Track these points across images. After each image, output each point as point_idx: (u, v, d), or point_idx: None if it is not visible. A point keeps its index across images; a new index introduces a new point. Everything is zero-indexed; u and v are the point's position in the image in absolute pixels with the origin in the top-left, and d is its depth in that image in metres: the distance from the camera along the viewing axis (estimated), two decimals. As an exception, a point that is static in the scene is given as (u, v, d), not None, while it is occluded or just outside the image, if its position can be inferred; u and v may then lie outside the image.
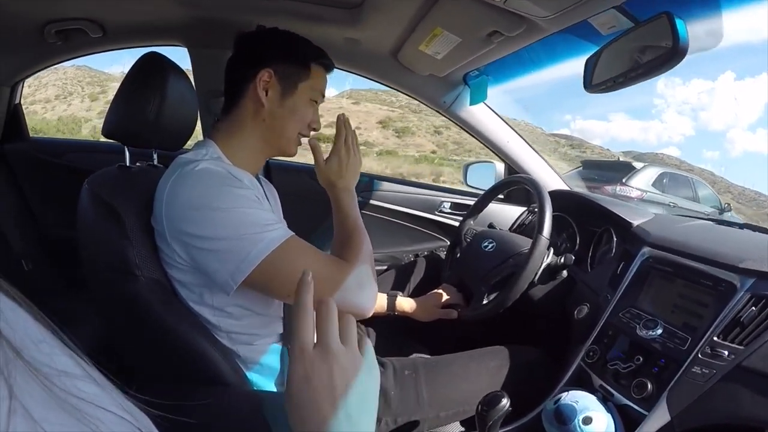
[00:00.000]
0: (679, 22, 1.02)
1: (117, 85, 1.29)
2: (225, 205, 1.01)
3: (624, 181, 9.11)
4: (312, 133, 1.28)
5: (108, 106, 1.28)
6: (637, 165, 9.80)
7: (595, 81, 1.32)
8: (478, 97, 2.03)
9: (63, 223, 2.36)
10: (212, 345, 1.10)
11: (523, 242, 1.57)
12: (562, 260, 1.52)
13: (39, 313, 0.35)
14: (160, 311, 1.06)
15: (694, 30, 1.26)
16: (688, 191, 10.07)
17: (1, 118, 2.46)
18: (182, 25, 1.94)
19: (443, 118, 2.25)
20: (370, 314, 1.18)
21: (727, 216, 9.60)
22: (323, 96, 1.29)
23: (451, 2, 1.40)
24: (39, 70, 2.42)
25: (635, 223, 1.53)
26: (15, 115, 2.51)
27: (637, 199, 8.67)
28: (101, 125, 1.28)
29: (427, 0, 1.44)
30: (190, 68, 2.10)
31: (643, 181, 9.24)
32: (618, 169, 9.96)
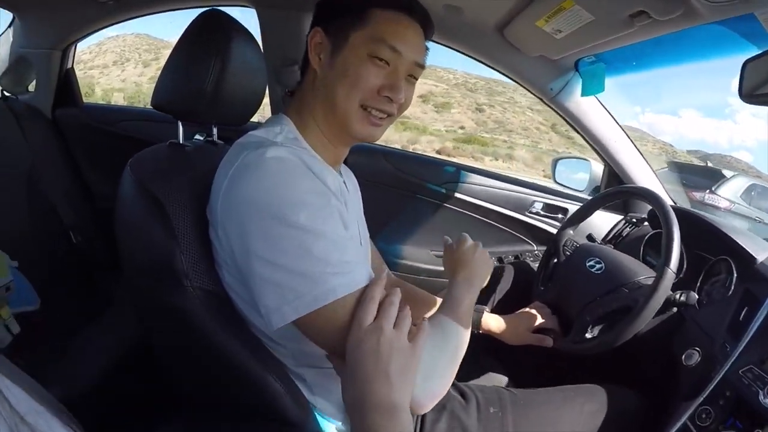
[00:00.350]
0: None
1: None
2: (295, 218, 0.79)
3: (713, 189, 8.47)
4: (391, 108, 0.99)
5: (159, 72, 1.10)
6: (727, 173, 9.14)
7: (754, 89, 1.10)
8: (593, 87, 1.80)
9: (115, 194, 2.36)
10: (272, 371, 0.92)
11: (639, 269, 1.38)
12: (682, 297, 1.29)
13: (38, 386, 0.45)
14: (211, 328, 0.89)
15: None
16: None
17: (53, 83, 2.44)
18: None
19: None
20: (422, 411, 0.90)
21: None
22: (399, 51, 0.93)
23: None
24: (91, 33, 2.38)
25: (760, 259, 1.32)
26: (67, 79, 2.49)
27: (725, 210, 8.08)
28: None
29: None
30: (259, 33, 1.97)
31: (731, 191, 8.48)
32: (706, 176, 9.46)
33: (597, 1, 1.30)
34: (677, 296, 1.28)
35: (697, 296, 1.30)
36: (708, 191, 8.42)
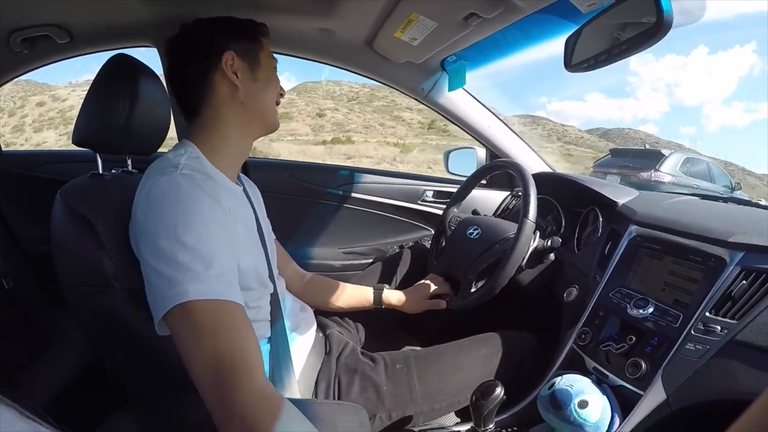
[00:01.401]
0: None
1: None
2: (180, 236, 0.90)
3: (657, 167, 9.81)
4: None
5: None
6: (666, 152, 10.54)
7: (575, 60, 1.28)
8: (456, 82, 1.99)
9: (43, 238, 2.33)
10: None
11: (509, 227, 1.56)
12: (549, 243, 1.49)
13: (20, 409, 0.40)
14: (141, 322, 1.00)
15: (679, 3, 1.26)
16: (706, 173, 10.81)
17: None
18: (151, 25, 1.88)
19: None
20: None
21: (737, 194, 10.61)
22: (276, 61, 1.27)
23: None
24: (6, 82, 2.32)
25: (621, 202, 1.52)
26: None
27: (669, 183, 9.58)
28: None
29: None
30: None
31: (670, 166, 10.01)
32: (648, 157, 10.54)
33: (435, 10, 1.48)
34: (546, 243, 1.48)
35: (560, 240, 1.50)
36: (653, 170, 9.73)
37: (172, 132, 1.50)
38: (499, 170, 1.72)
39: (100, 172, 1.23)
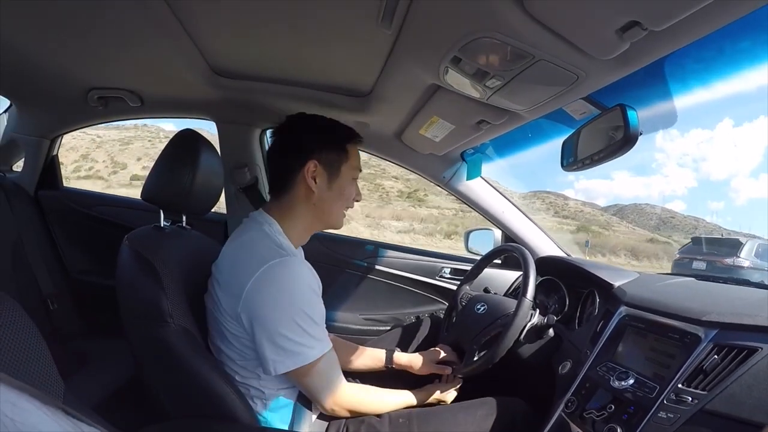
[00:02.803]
0: (631, 114, 1.15)
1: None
2: (303, 309, 1.20)
3: (738, 254, 11.00)
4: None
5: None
6: (743, 240, 11.72)
7: (567, 161, 1.46)
8: (473, 172, 2.19)
9: (88, 269, 2.52)
10: (229, 385, 1.22)
11: (512, 305, 1.65)
12: (546, 320, 1.60)
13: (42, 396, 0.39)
14: (187, 355, 1.19)
15: (654, 112, 1.41)
16: None
17: (39, 167, 2.65)
18: (212, 103, 2.12)
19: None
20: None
21: None
22: (360, 170, 1.43)
23: (445, 97, 1.57)
24: (78, 128, 2.62)
25: (616, 284, 1.63)
26: (51, 165, 2.72)
27: (747, 268, 10.70)
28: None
29: (425, 93, 1.63)
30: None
31: (747, 252, 11.18)
32: (727, 244, 11.81)
33: (453, 115, 1.69)
34: (543, 320, 1.60)
35: (555, 318, 1.63)
36: (735, 257, 10.91)
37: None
38: (506, 253, 1.84)
39: (162, 225, 1.44)
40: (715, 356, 1.10)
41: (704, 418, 1.02)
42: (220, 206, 2.47)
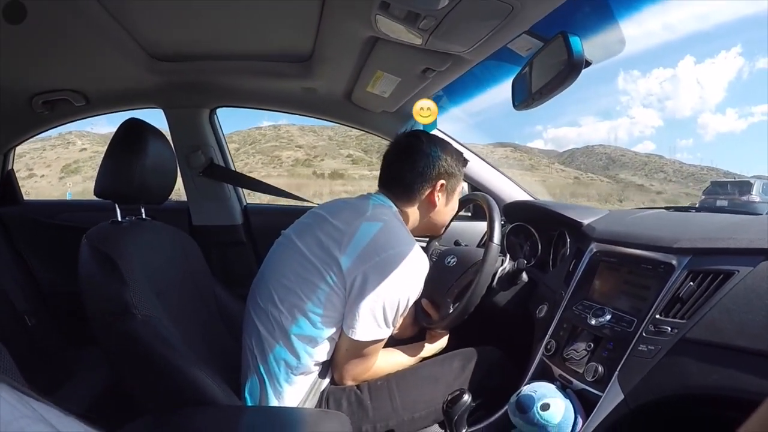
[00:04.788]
0: (574, 39, 1.07)
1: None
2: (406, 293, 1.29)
3: (750, 192, 14.63)
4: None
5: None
6: (752, 180, 15.62)
7: (518, 99, 1.38)
8: (429, 125, 2.08)
9: (62, 280, 2.43)
10: (202, 369, 1.15)
11: (482, 253, 1.56)
12: (516, 265, 1.56)
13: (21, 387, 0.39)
14: (156, 345, 1.12)
15: (600, 40, 1.34)
16: None
17: None
18: (156, 90, 2.11)
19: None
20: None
21: None
22: None
23: (385, 48, 1.51)
24: (28, 138, 2.52)
25: (585, 222, 1.58)
26: (8, 180, 2.61)
27: (760, 202, 14.03)
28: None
29: (365, 49, 1.57)
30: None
31: (757, 190, 14.74)
32: (741, 186, 15.63)
33: (396, 67, 1.63)
34: (514, 265, 1.56)
35: (524, 261, 1.58)
36: (749, 194, 14.49)
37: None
38: (470, 202, 1.79)
39: (119, 219, 1.37)
40: (691, 283, 1.04)
41: (686, 347, 0.98)
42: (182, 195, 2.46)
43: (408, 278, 1.28)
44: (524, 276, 1.60)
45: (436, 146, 1.43)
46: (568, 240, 1.65)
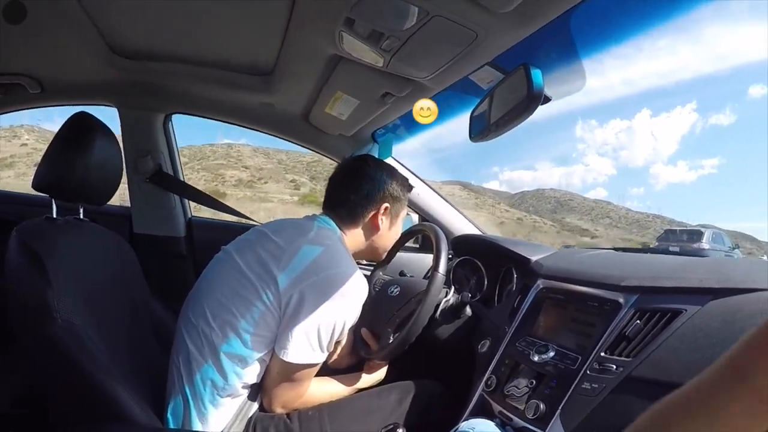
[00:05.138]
0: (535, 72, 1.07)
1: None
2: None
3: (702, 240, 16.68)
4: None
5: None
6: (702, 230, 18.19)
7: (475, 131, 1.37)
8: (384, 153, 2.08)
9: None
10: (121, 383, 1.07)
11: (425, 284, 1.54)
12: (460, 298, 1.54)
13: None
14: (73, 353, 1.03)
15: (561, 77, 1.36)
16: (722, 241, 18.10)
17: None
18: (113, 87, 2.04)
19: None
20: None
21: (736, 252, 19.24)
22: None
23: (347, 69, 1.50)
24: None
25: (533, 258, 1.57)
26: None
27: (708, 250, 15.67)
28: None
29: (327, 68, 1.55)
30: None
31: (706, 239, 16.91)
32: (693, 233, 18.23)
33: (356, 89, 1.61)
34: (458, 298, 1.54)
35: (469, 294, 1.56)
36: (699, 242, 16.46)
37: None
38: (418, 233, 1.75)
39: (54, 216, 1.27)
40: (638, 321, 1.03)
41: (631, 386, 0.96)
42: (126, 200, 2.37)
43: (346, 301, 1.24)
44: (468, 310, 1.58)
45: (382, 170, 1.45)
46: (515, 276, 1.63)
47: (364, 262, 2.27)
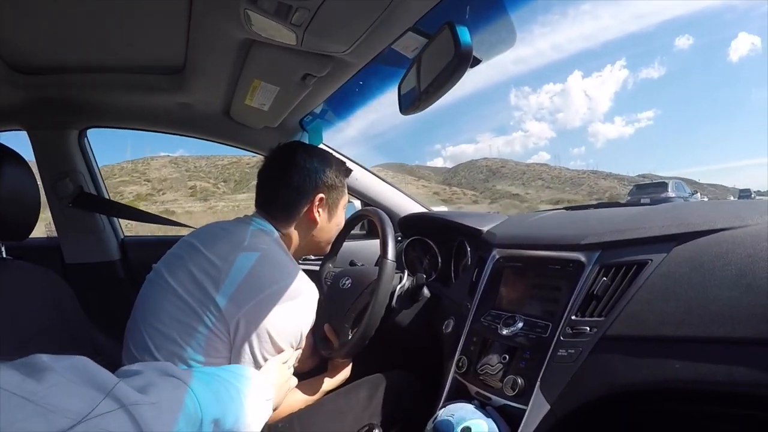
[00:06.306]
0: (461, 29, 0.98)
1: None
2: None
3: (667, 190, 18.95)
4: None
5: None
6: (667, 181, 20.45)
7: (405, 104, 1.27)
8: (315, 140, 1.97)
9: None
10: None
11: (376, 272, 1.44)
12: (415, 281, 1.47)
13: None
14: None
15: (489, 36, 1.29)
16: (683, 188, 20.56)
17: None
18: (18, 108, 1.87)
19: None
20: None
21: (695, 197, 20.88)
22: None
23: (261, 54, 1.39)
24: None
25: (485, 229, 1.51)
26: None
27: (674, 197, 17.81)
28: None
29: (239, 56, 1.44)
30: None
31: (671, 189, 19.25)
32: (659, 186, 20.48)
33: (273, 74, 1.49)
34: (413, 281, 1.46)
35: (424, 276, 1.47)
36: (666, 192, 18.72)
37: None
38: (361, 219, 1.66)
39: None
40: (604, 278, 1.00)
41: (609, 345, 0.93)
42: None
43: (296, 312, 1.16)
44: (426, 291, 1.50)
45: (311, 157, 1.33)
46: (468, 249, 1.57)
47: (312, 257, 2.15)
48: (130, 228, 2.45)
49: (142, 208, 2.40)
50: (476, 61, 1.05)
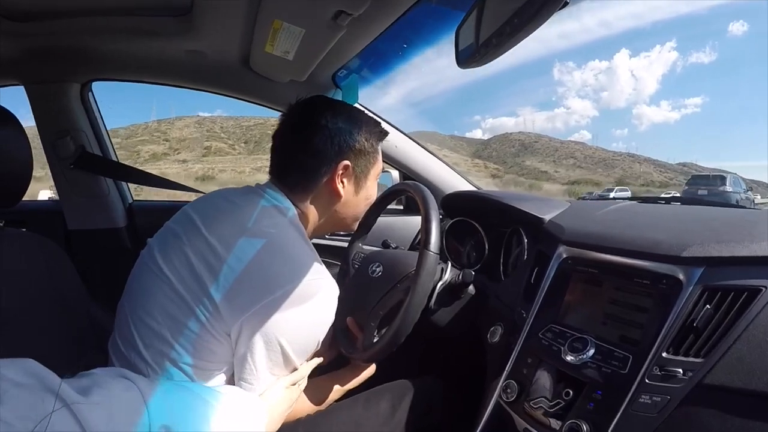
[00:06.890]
0: None
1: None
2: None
3: (726, 184, 18.41)
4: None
5: None
6: (725, 174, 19.80)
7: (465, 55, 0.99)
8: (350, 98, 1.75)
9: None
10: None
11: (414, 261, 1.21)
12: (461, 277, 1.24)
13: None
14: None
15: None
16: (740, 184, 19.82)
17: None
18: (14, 60, 1.76)
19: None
20: None
21: (747, 194, 20.35)
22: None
23: None
24: None
25: (547, 218, 1.28)
26: None
27: (731, 192, 17.70)
28: None
29: None
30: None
31: (729, 183, 18.64)
32: (718, 179, 19.51)
33: (297, 12, 1.27)
34: (458, 277, 1.24)
35: (473, 273, 1.24)
36: (723, 186, 18.11)
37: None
38: (400, 194, 1.43)
39: None
40: (707, 306, 0.79)
41: (706, 397, 0.74)
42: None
43: (312, 318, 1.02)
44: (471, 288, 1.28)
45: (336, 115, 1.12)
46: (525, 241, 1.34)
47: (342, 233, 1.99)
48: (139, 193, 2.28)
49: (156, 168, 2.24)
50: (564, 4, 0.78)
